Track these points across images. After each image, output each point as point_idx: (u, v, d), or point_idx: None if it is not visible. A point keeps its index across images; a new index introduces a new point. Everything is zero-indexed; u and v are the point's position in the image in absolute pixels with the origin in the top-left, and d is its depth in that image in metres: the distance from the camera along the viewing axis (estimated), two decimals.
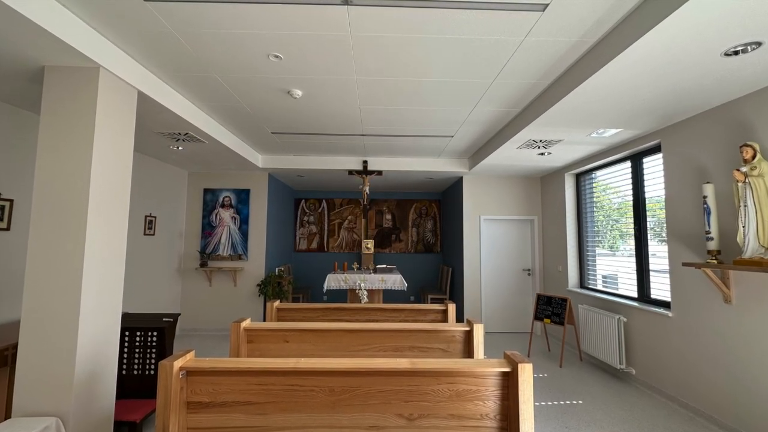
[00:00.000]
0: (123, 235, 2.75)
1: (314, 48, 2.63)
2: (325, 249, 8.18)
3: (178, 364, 1.58)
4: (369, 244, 7.62)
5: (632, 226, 4.28)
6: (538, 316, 5.04)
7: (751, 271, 2.64)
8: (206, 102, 3.67)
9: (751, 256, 2.69)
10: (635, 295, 4.21)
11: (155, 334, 3.02)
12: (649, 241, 4.09)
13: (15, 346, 2.71)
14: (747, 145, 2.72)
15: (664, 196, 3.71)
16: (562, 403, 3.53)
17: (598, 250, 5.06)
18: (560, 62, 2.78)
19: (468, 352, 2.53)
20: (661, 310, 3.67)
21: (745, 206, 2.71)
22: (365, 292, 5.30)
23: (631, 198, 4.33)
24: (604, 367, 4.50)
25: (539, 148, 4.48)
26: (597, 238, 5.07)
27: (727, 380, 3.01)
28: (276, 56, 2.74)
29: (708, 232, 2.99)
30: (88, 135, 2.45)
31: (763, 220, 2.63)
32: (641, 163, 4.20)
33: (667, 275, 3.67)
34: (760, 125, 2.79)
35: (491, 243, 6.37)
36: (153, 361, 3.01)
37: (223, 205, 6.10)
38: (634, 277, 4.23)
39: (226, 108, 3.83)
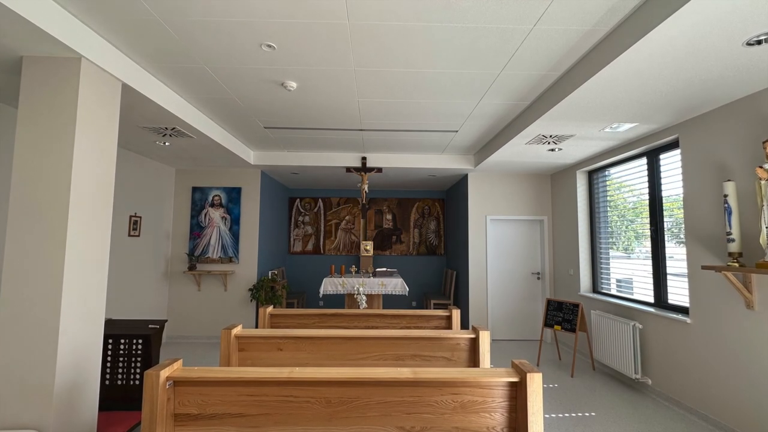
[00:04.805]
0: (106, 237, 2.75)
1: (310, 37, 2.63)
2: (322, 251, 8.19)
3: (164, 373, 1.58)
4: (368, 246, 7.62)
5: (648, 226, 4.29)
6: (548, 323, 5.04)
7: None
8: (195, 95, 3.67)
9: None
10: (651, 300, 4.21)
11: (140, 341, 3.02)
12: (666, 242, 4.09)
13: None
14: None
15: (682, 195, 3.71)
16: (573, 415, 3.53)
17: (611, 253, 5.06)
18: (572, 52, 2.78)
19: (473, 360, 2.53)
20: (679, 316, 3.67)
21: None
22: (364, 297, 5.30)
23: (647, 197, 4.33)
24: (618, 377, 4.50)
25: (549, 143, 4.48)
26: (611, 240, 5.07)
27: (750, 391, 3.01)
28: (269, 46, 2.74)
29: (729, 233, 2.99)
30: (69, 130, 2.45)
31: None
32: (658, 160, 4.21)
33: (686, 279, 3.67)
34: None
35: (498, 245, 6.37)
36: (138, 370, 3.01)
37: (212, 205, 6.11)
38: (651, 281, 4.23)
39: (216, 101, 3.83)
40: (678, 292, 3.89)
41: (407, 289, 5.53)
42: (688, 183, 3.62)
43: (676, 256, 3.95)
